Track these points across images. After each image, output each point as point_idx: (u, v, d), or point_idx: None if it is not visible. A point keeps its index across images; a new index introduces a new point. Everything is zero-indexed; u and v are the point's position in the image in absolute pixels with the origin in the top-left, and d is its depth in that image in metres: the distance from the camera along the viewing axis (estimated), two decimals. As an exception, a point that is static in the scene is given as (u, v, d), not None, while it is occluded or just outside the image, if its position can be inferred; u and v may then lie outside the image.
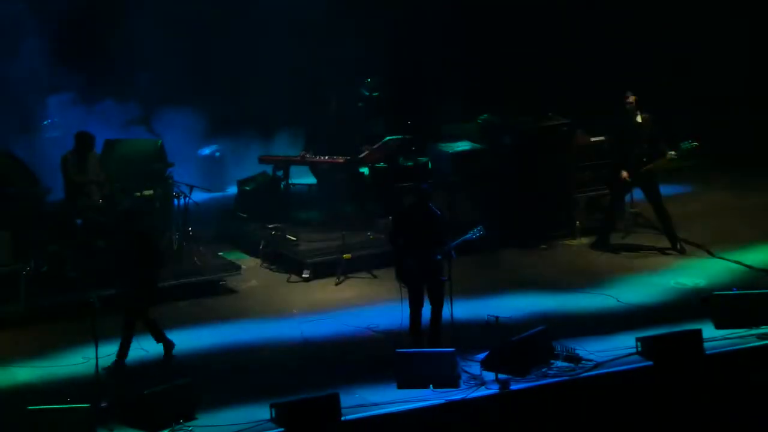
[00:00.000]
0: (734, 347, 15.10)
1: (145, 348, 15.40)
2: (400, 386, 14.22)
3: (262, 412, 13.50)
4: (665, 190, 19.60)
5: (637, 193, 19.25)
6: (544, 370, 14.51)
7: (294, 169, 20.61)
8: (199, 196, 19.17)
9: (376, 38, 22.12)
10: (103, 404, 13.61)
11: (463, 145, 20.49)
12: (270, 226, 19.36)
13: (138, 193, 18.36)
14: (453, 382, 14.20)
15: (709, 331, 15.28)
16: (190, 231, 18.93)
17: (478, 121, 21.12)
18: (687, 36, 23.61)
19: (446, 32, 23.17)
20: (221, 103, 22.62)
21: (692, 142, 18.38)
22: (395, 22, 22.96)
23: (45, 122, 21.47)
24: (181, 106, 22.02)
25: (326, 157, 20.04)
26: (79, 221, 17.63)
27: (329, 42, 22.22)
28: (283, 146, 21.91)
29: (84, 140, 17.97)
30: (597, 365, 14.63)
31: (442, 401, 13.89)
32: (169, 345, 15.46)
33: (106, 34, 21.54)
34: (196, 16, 22.31)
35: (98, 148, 18.71)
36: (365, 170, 20.28)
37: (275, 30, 22.50)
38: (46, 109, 21.44)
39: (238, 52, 22.56)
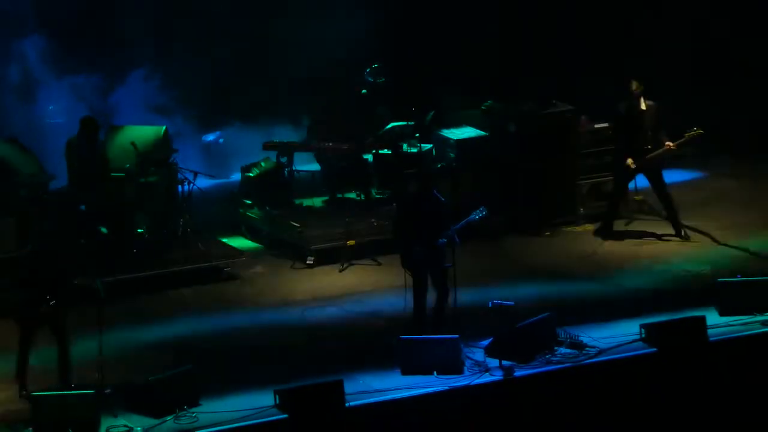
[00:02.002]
0: (738, 334, 15.09)
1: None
2: (404, 373, 14.23)
3: (266, 399, 13.52)
4: (672, 176, 19.59)
5: (641, 180, 19.22)
6: (548, 356, 14.52)
7: (298, 156, 20.61)
8: (203, 182, 19.18)
9: (381, 23, 22.11)
10: (107, 390, 13.63)
11: (467, 132, 20.48)
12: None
13: (143, 180, 18.40)
14: (457, 369, 14.20)
15: (713, 317, 15.28)
16: (193, 217, 18.98)
17: (482, 107, 21.09)
18: (695, 20, 23.54)
19: (450, 17, 23.14)
20: (225, 88, 22.61)
21: (697, 129, 18.34)
22: (400, 6, 22.94)
23: (49, 107, 21.50)
24: (186, 91, 22.02)
25: (330, 144, 20.03)
26: (82, 207, 17.65)
27: (333, 27, 22.19)
28: (287, 132, 21.90)
29: (88, 125, 17.98)
30: (601, 352, 14.63)
31: (445, 388, 13.91)
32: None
33: (110, 19, 21.58)
34: (199, 2, 22.33)
35: (102, 133, 18.78)
36: (369, 157, 20.27)
37: (280, 15, 22.48)
38: (50, 93, 21.48)
39: (242, 38, 22.54)
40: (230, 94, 22.68)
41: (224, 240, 19.12)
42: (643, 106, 18.53)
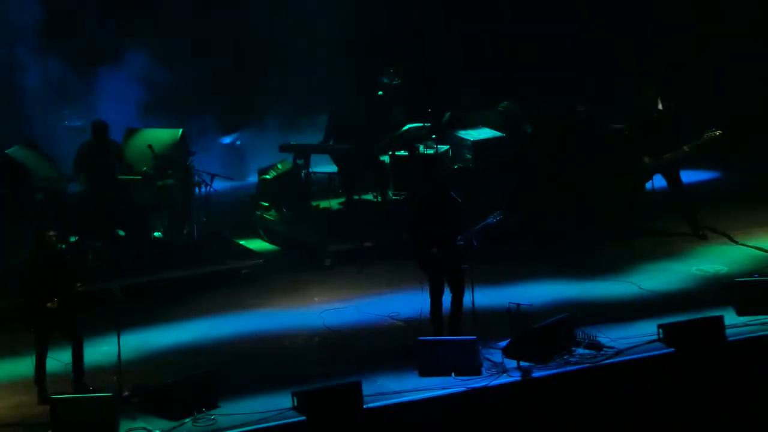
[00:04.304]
0: (756, 334, 15.04)
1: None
2: (422, 374, 14.22)
3: (284, 401, 13.53)
4: (689, 176, 19.54)
5: (658, 180, 19.19)
6: (565, 357, 14.49)
7: (314, 158, 20.66)
8: (220, 184, 19.23)
9: (396, 26, 22.17)
10: (125, 393, 13.66)
11: (484, 133, 20.49)
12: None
13: (160, 182, 18.44)
14: (475, 370, 14.19)
15: (731, 317, 15.24)
16: (210, 220, 19.04)
17: (499, 108, 21.11)
18: (710, 16, 23.53)
19: (466, 18, 23.18)
20: (242, 91, 22.67)
21: (715, 130, 18.30)
22: (415, 9, 22.99)
23: (65, 111, 21.59)
24: (202, 94, 22.08)
25: (347, 146, 20.06)
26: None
27: (348, 32, 22.25)
28: (304, 135, 21.95)
29: (98, 128, 18.04)
30: (618, 352, 14.60)
31: (464, 389, 13.89)
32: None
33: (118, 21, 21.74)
34: (218, 4, 22.44)
35: (119, 136, 18.89)
36: (386, 158, 20.29)
37: (296, 19, 22.56)
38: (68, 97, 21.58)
39: (260, 41, 22.61)
40: (247, 96, 22.75)
41: (241, 242, 19.16)
42: (660, 106, 18.50)
